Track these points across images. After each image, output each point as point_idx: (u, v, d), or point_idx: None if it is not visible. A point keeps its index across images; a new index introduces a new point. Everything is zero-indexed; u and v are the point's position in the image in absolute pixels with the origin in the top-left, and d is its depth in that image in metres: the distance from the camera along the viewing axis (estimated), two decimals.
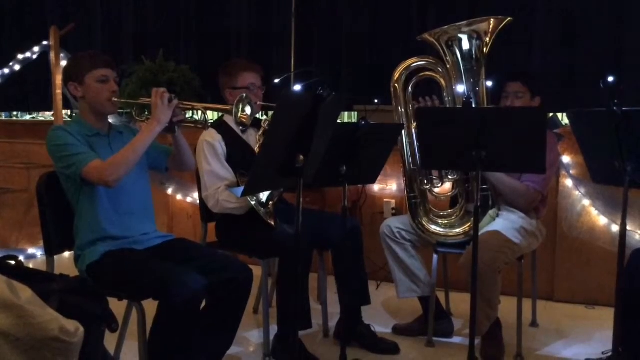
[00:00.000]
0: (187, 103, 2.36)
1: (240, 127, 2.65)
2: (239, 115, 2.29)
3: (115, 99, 2.28)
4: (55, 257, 2.30)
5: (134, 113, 2.50)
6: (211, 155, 2.65)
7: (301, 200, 1.96)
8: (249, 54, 4.73)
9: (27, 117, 6.07)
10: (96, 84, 2.25)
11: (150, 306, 2.07)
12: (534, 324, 3.09)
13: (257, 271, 2.47)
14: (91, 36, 5.48)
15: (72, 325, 1.49)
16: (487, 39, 2.68)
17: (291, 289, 2.48)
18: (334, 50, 4.52)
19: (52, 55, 4.57)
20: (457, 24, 2.67)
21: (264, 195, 2.56)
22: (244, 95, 2.35)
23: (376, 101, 3.61)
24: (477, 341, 2.54)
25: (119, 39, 5.39)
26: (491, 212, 2.76)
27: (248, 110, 2.31)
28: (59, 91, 4.48)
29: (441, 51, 2.74)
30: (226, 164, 2.66)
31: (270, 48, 4.75)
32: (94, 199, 2.22)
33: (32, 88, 5.65)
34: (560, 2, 3.77)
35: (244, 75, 2.74)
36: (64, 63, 4.48)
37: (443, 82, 2.77)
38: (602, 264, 3.32)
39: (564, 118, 3.65)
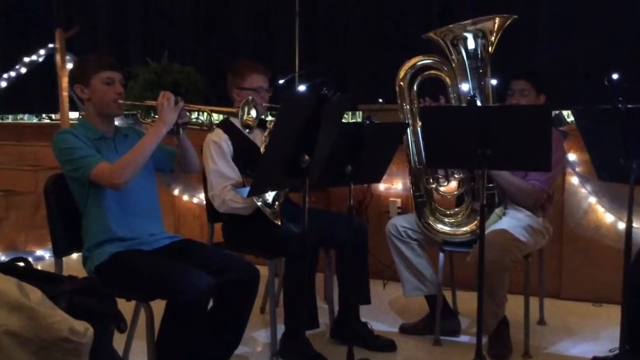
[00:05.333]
0: (193, 105, 2.37)
1: (247, 130, 2.66)
2: (245, 118, 2.30)
3: (121, 101, 2.29)
4: (64, 258, 2.31)
5: (139, 115, 2.51)
6: (217, 154, 2.66)
7: (307, 200, 1.97)
8: (253, 54, 4.74)
9: (34, 120, 6.10)
10: (102, 86, 2.26)
11: (159, 306, 2.08)
12: (541, 322, 3.09)
13: (263, 271, 2.47)
14: (97, 38, 5.51)
15: (81, 325, 1.51)
16: (492, 37, 2.67)
17: (298, 288, 2.49)
18: (338, 50, 4.52)
19: (57, 57, 4.59)
20: (462, 22, 2.66)
21: (269, 196, 2.57)
22: (250, 98, 2.35)
23: (380, 100, 3.61)
24: (484, 340, 2.54)
25: (125, 41, 5.40)
26: (497, 211, 2.76)
27: (253, 113, 2.32)
28: (65, 93, 4.50)
29: (446, 50, 2.73)
30: (232, 163, 2.67)
31: (274, 48, 4.76)
32: (101, 201, 2.23)
33: (38, 91, 5.68)
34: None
35: (252, 76, 2.74)
36: (69, 65, 4.50)
37: (448, 80, 2.77)
38: (608, 261, 3.31)
39: (569, 115, 3.64)
